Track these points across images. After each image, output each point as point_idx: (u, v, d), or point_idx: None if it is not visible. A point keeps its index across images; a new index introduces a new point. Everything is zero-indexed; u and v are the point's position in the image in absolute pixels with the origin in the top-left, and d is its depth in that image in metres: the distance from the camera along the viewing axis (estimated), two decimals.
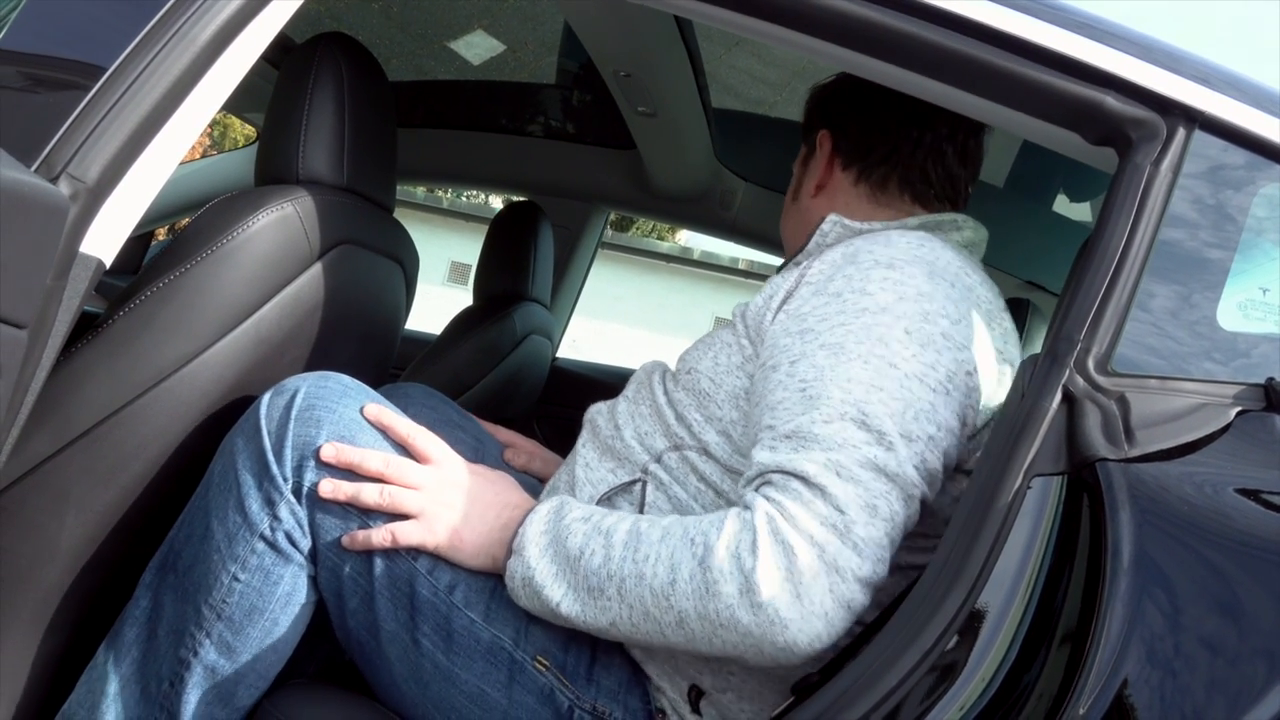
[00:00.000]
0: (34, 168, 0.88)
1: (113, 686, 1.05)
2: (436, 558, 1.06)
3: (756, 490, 0.98)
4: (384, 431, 1.08)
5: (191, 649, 1.04)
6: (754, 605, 0.90)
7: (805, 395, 0.99)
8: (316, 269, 1.20)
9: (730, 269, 11.93)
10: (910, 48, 0.98)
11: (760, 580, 0.90)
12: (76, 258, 0.91)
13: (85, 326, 1.06)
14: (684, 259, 12.20)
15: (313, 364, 1.25)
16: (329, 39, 1.28)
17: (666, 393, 1.18)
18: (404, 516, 1.05)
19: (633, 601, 0.96)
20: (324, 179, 1.24)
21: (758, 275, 11.66)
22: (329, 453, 1.04)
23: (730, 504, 1.09)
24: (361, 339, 1.37)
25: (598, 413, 1.25)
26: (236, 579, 1.03)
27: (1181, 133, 0.93)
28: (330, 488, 1.03)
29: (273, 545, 1.03)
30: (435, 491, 1.06)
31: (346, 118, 1.26)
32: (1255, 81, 0.96)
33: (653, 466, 1.14)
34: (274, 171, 1.24)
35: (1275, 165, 0.93)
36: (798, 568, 0.90)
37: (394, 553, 1.05)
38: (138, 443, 1.08)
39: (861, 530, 0.92)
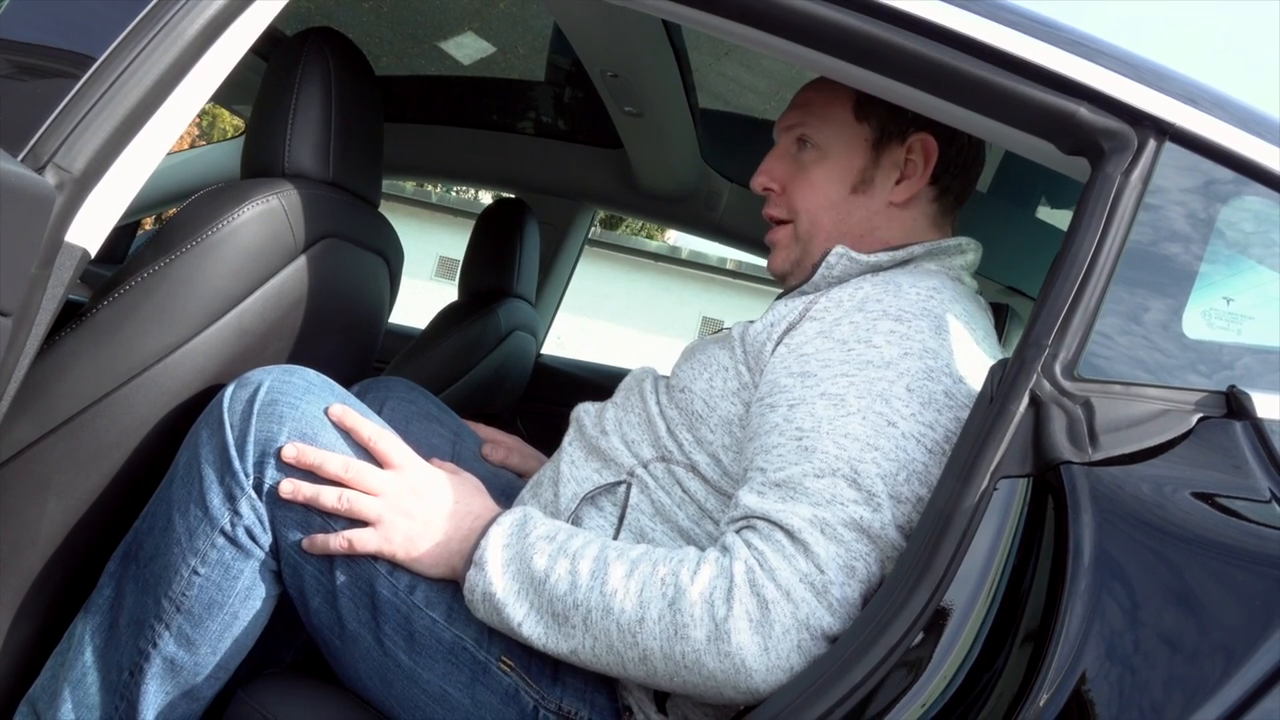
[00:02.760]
0: (20, 157, 0.89)
1: (74, 673, 1.06)
2: None
3: (738, 533, 0.98)
4: (348, 434, 1.07)
5: (151, 640, 1.04)
6: (721, 653, 0.92)
7: (800, 445, 0.99)
8: (301, 262, 1.21)
9: (718, 269, 11.96)
10: (891, 55, 0.99)
11: (732, 629, 0.91)
12: (62, 247, 0.92)
13: (70, 315, 1.07)
14: (672, 258, 12.22)
15: (295, 356, 1.26)
16: (316, 34, 1.29)
17: (659, 404, 1.18)
18: (363, 521, 1.04)
19: (597, 633, 0.97)
20: (309, 173, 1.25)
21: (745, 275, 11.69)
22: (290, 453, 1.03)
23: (712, 521, 1.10)
24: (344, 332, 1.38)
25: (584, 413, 1.26)
26: (196, 573, 1.03)
27: (1152, 144, 0.94)
28: (290, 489, 1.03)
29: (233, 540, 1.03)
30: (394, 498, 1.05)
31: (333, 112, 1.27)
32: (1229, 96, 0.98)
33: (639, 470, 1.14)
34: (260, 164, 1.25)
35: (1243, 179, 0.94)
36: (770, 620, 0.91)
37: (354, 555, 1.05)
38: (119, 431, 1.09)
39: (838, 591, 0.93)
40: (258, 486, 1.04)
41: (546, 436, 1.55)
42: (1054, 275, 0.91)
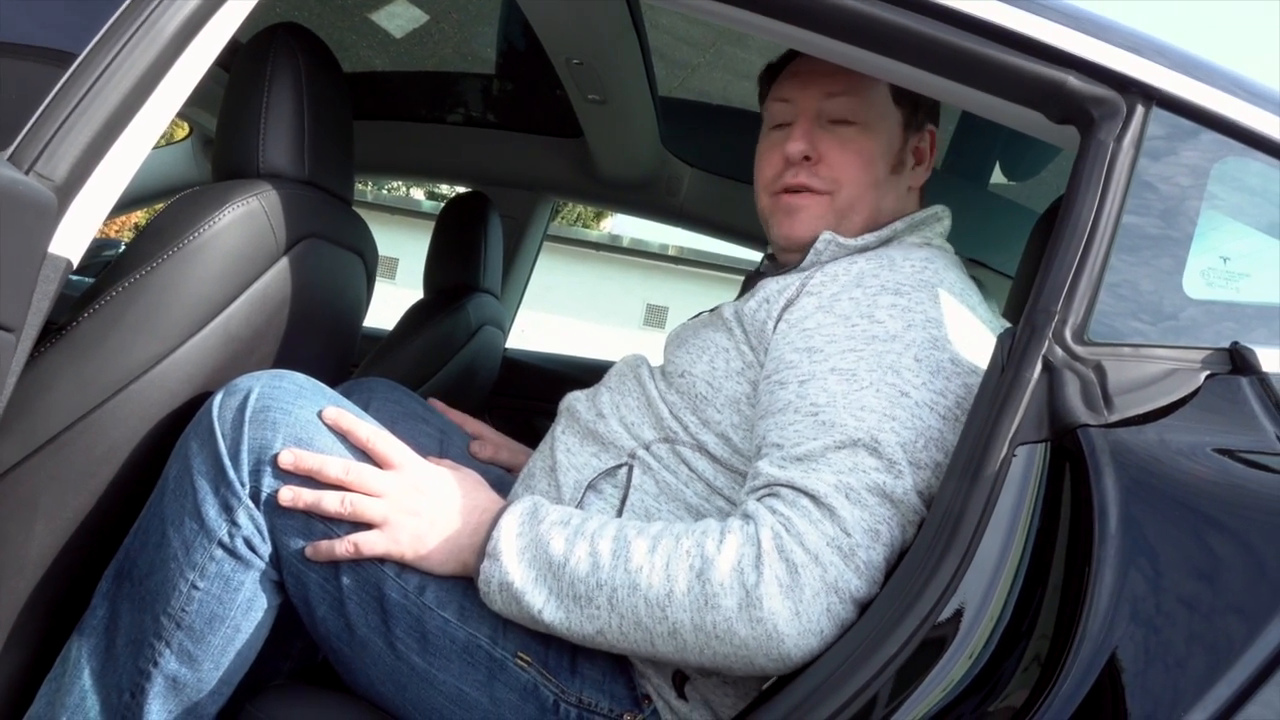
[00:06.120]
0: None
1: (72, 698, 1.02)
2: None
3: (760, 501, 0.98)
4: (344, 436, 1.05)
5: (151, 659, 1.01)
6: (753, 619, 0.92)
7: (818, 420, 1.00)
8: (283, 264, 1.18)
9: (660, 255, 11.97)
10: (879, 31, 1.00)
11: (763, 595, 0.92)
12: (45, 258, 0.89)
13: (47, 330, 1.03)
14: (613, 246, 12.20)
15: (281, 360, 1.23)
16: (284, 30, 1.26)
17: (658, 389, 1.18)
18: (367, 525, 1.03)
19: (624, 611, 0.96)
20: (285, 172, 1.22)
21: (687, 261, 11.72)
22: (287, 459, 1.01)
23: (722, 498, 1.10)
24: (327, 334, 1.36)
25: (576, 400, 1.25)
26: (195, 587, 1.01)
27: (1140, 110, 0.96)
28: (290, 496, 1.01)
29: (232, 552, 1.01)
30: (398, 498, 1.03)
31: (305, 109, 1.24)
32: (1207, 61, 1.00)
33: (640, 452, 1.14)
34: (234, 165, 1.22)
35: (1230, 140, 0.97)
36: (800, 585, 0.92)
37: (360, 559, 1.03)
38: (108, 447, 1.06)
39: (864, 554, 0.94)
40: (255, 496, 1.02)
41: (515, 431, 1.54)
42: (1055, 243, 0.92)
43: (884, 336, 1.03)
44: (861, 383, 1.00)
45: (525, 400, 2.57)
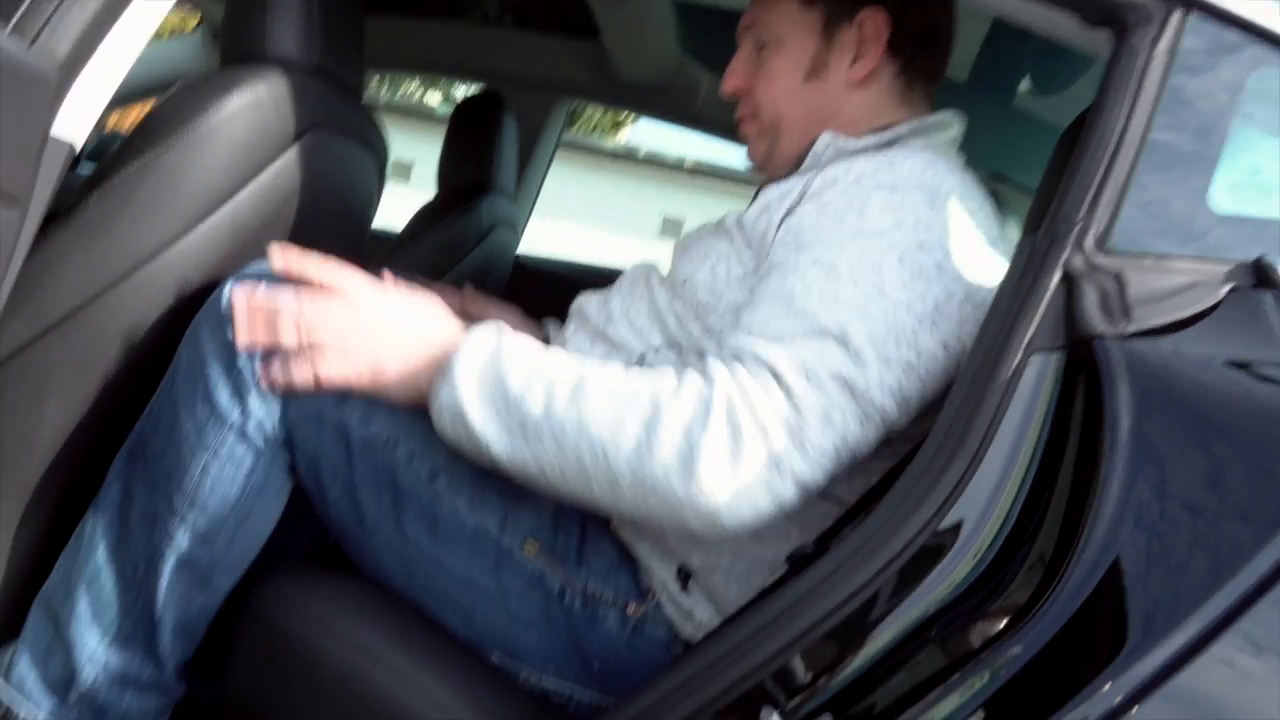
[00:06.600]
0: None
1: (88, 571, 1.05)
2: (414, 448, 1.05)
3: (724, 362, 0.98)
4: (301, 280, 1.02)
5: (165, 536, 1.03)
6: (691, 477, 0.91)
7: (791, 307, 0.99)
8: (291, 154, 1.17)
9: (676, 167, 11.82)
10: None
11: (703, 454, 0.91)
12: (49, 140, 0.87)
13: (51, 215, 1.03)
14: (630, 156, 12.05)
15: None
16: None
17: (666, 299, 1.17)
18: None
19: (568, 450, 0.95)
20: (294, 58, 1.20)
21: (704, 173, 11.58)
22: (239, 300, 0.99)
23: None
24: (337, 228, 1.35)
25: (588, 302, 1.24)
26: (207, 470, 1.02)
27: (1177, 15, 0.93)
28: (244, 327, 0.99)
29: (244, 435, 1.02)
30: (352, 318, 1.01)
31: None
32: None
33: (650, 355, 1.14)
34: (241, 50, 1.19)
35: (1267, 49, 0.93)
36: (743, 452, 0.91)
37: (372, 444, 1.04)
38: (118, 329, 1.06)
39: (813, 435, 0.93)
40: None
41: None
42: (1081, 150, 0.89)
43: (870, 233, 1.01)
44: (840, 275, 0.99)
45: (538, 304, 2.56)
